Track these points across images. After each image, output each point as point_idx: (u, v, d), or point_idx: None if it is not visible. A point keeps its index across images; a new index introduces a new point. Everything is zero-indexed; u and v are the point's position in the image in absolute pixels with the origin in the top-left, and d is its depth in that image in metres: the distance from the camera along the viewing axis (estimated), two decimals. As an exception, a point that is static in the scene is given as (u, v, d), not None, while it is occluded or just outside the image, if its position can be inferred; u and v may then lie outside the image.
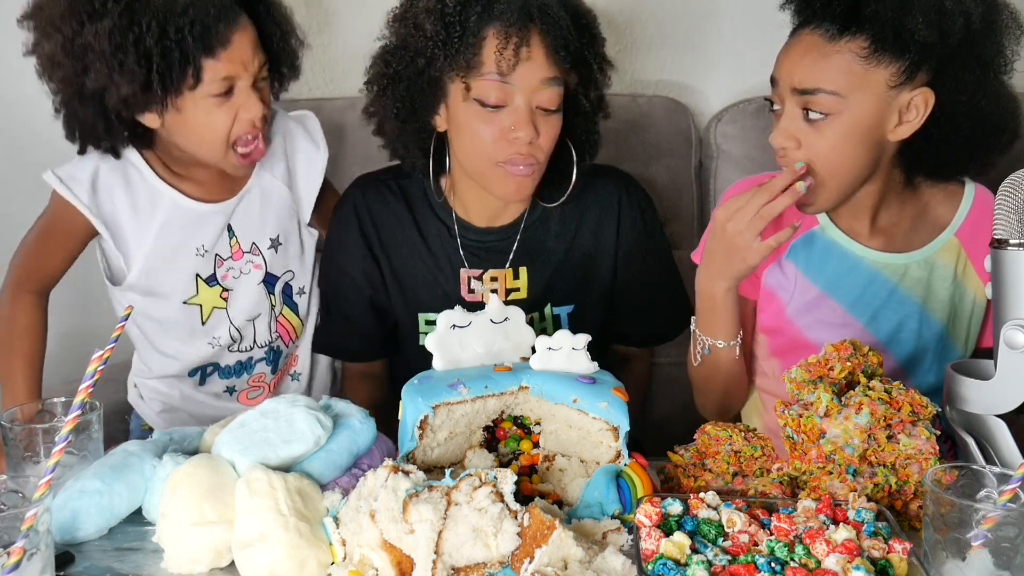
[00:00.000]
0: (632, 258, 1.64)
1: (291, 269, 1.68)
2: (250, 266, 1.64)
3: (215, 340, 1.64)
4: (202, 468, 1.07)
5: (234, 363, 1.68)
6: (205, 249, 1.59)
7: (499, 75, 1.41)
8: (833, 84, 1.31)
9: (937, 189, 1.47)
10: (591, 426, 1.14)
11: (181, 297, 1.60)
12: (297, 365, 1.77)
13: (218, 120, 1.48)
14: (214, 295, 1.62)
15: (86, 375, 1.05)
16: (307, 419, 1.12)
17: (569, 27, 1.43)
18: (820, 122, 1.32)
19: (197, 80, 1.43)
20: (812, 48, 1.32)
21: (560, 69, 1.43)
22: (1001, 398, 1.15)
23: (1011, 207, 1.15)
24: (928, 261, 1.44)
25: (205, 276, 1.61)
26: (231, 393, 1.70)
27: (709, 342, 1.43)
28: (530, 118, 1.43)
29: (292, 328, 1.72)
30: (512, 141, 1.44)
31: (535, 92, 1.43)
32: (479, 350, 1.20)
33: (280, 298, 1.68)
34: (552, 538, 0.95)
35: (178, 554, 1.03)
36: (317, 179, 1.69)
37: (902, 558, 0.93)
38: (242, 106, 1.48)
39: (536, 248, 1.61)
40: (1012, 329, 1.13)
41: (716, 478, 1.17)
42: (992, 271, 1.17)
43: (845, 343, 1.19)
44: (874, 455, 1.10)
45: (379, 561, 0.99)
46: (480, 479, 1.01)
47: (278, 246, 1.66)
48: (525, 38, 1.40)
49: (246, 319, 1.65)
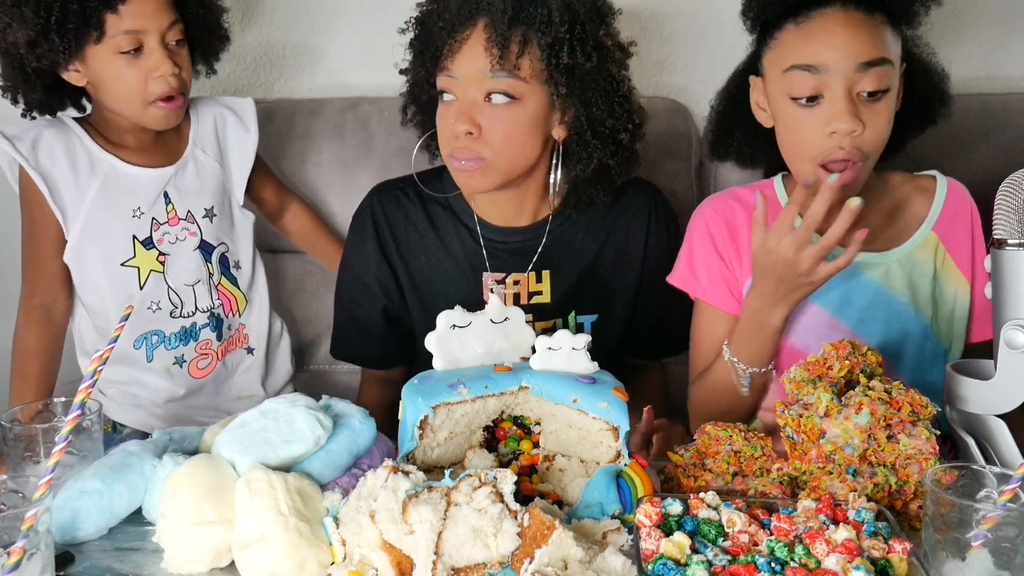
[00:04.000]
0: (657, 271, 1.60)
1: (224, 241, 1.74)
2: (186, 233, 1.69)
3: (154, 304, 1.67)
4: (202, 468, 1.07)
5: (178, 329, 1.70)
6: (142, 211, 1.65)
7: (442, 68, 1.44)
8: (889, 53, 1.32)
9: (909, 185, 1.48)
10: (591, 426, 1.14)
11: (119, 259, 1.65)
12: (250, 341, 1.81)
13: (129, 78, 1.55)
14: (151, 258, 1.67)
15: (86, 375, 1.05)
16: (307, 419, 1.12)
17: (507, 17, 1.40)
18: (879, 99, 1.32)
19: (100, 34, 1.51)
20: (858, 23, 1.31)
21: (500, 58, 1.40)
22: (1001, 398, 1.15)
23: (1011, 207, 1.15)
24: (908, 258, 1.43)
25: (142, 238, 1.66)
26: (181, 365, 1.71)
27: (751, 370, 1.40)
28: (470, 110, 1.43)
29: (233, 298, 1.77)
30: (456, 135, 1.44)
31: (479, 84, 1.42)
32: (479, 350, 1.20)
33: (217, 267, 1.73)
34: (552, 538, 0.95)
35: (178, 554, 1.03)
36: (248, 161, 1.77)
37: (902, 558, 0.93)
38: (152, 66, 1.55)
39: (561, 253, 1.59)
40: (1012, 329, 1.13)
41: (716, 478, 1.17)
42: (992, 271, 1.17)
43: (844, 342, 1.18)
44: (874, 455, 1.10)
45: (379, 561, 0.99)
46: (480, 479, 1.01)
47: (213, 217, 1.72)
48: (466, 31, 1.41)
49: (185, 284, 1.69)
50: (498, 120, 1.43)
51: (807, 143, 1.35)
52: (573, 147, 1.50)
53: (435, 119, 1.52)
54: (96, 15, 1.50)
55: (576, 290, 1.59)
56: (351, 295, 1.67)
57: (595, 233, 1.60)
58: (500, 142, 1.44)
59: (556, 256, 1.59)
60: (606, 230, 1.60)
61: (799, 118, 1.35)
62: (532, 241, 1.59)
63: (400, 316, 1.64)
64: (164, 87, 1.57)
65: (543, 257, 1.59)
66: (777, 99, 1.39)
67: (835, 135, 1.32)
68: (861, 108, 1.31)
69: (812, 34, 1.33)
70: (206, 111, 1.75)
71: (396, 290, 1.62)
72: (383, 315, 1.64)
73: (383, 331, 1.66)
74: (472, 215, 1.59)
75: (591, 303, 1.60)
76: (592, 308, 1.60)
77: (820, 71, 1.32)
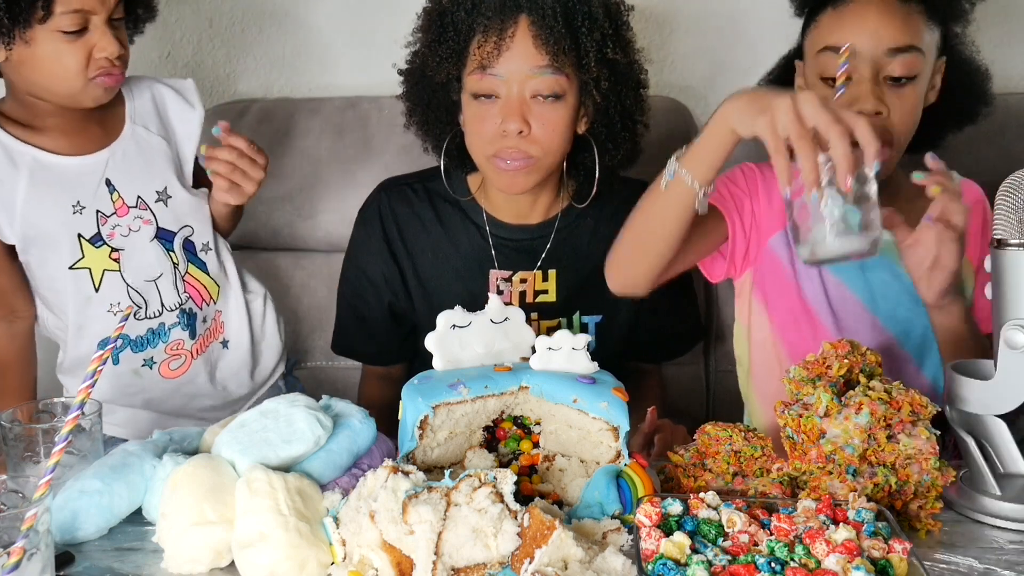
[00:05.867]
0: None
1: (188, 224, 1.58)
2: (139, 222, 1.52)
3: (115, 306, 1.52)
4: (202, 468, 1.07)
5: (145, 331, 1.55)
6: (82, 206, 1.48)
7: (481, 68, 1.41)
8: (920, 42, 1.35)
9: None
10: (591, 426, 1.14)
11: (66, 262, 1.49)
12: (224, 332, 1.65)
13: (69, 57, 1.41)
14: (102, 256, 1.51)
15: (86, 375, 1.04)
16: (307, 419, 1.12)
17: (557, 13, 1.40)
18: (904, 85, 1.35)
19: (48, 12, 1.37)
20: (892, 10, 1.35)
21: (550, 56, 1.40)
22: (1001, 398, 1.15)
23: (1011, 207, 1.15)
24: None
25: (88, 236, 1.49)
26: (151, 367, 1.57)
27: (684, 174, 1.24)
28: (519, 109, 1.42)
29: (203, 287, 1.61)
30: (504, 134, 1.43)
31: (526, 82, 1.41)
32: (479, 350, 1.20)
33: (182, 255, 1.57)
34: (552, 538, 0.95)
35: (178, 554, 1.03)
36: (194, 137, 1.60)
37: (902, 558, 0.93)
38: (96, 44, 1.42)
39: (568, 251, 1.60)
40: (1012, 329, 1.13)
41: (716, 478, 1.17)
42: (992, 271, 1.17)
43: (843, 341, 1.19)
44: (874, 455, 1.10)
45: (379, 562, 0.99)
46: (480, 479, 1.01)
47: (167, 199, 1.55)
48: (508, 29, 1.39)
49: (145, 280, 1.54)
50: (546, 118, 1.43)
51: None
52: (601, 139, 1.51)
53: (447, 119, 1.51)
54: None
55: (582, 290, 1.59)
56: (355, 290, 1.66)
57: (602, 234, 1.59)
58: (548, 140, 1.45)
59: (563, 255, 1.59)
60: (613, 231, 1.60)
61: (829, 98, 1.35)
62: (540, 239, 1.59)
63: (404, 313, 1.64)
64: (106, 65, 1.43)
65: (551, 256, 1.59)
66: (812, 79, 1.44)
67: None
68: (887, 91, 1.36)
69: (845, 18, 1.38)
70: (141, 88, 1.59)
71: (402, 286, 1.62)
72: (388, 311, 1.64)
73: (386, 327, 1.65)
74: (481, 212, 1.60)
75: (596, 304, 1.60)
76: (597, 309, 1.60)
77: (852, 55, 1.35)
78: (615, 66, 1.46)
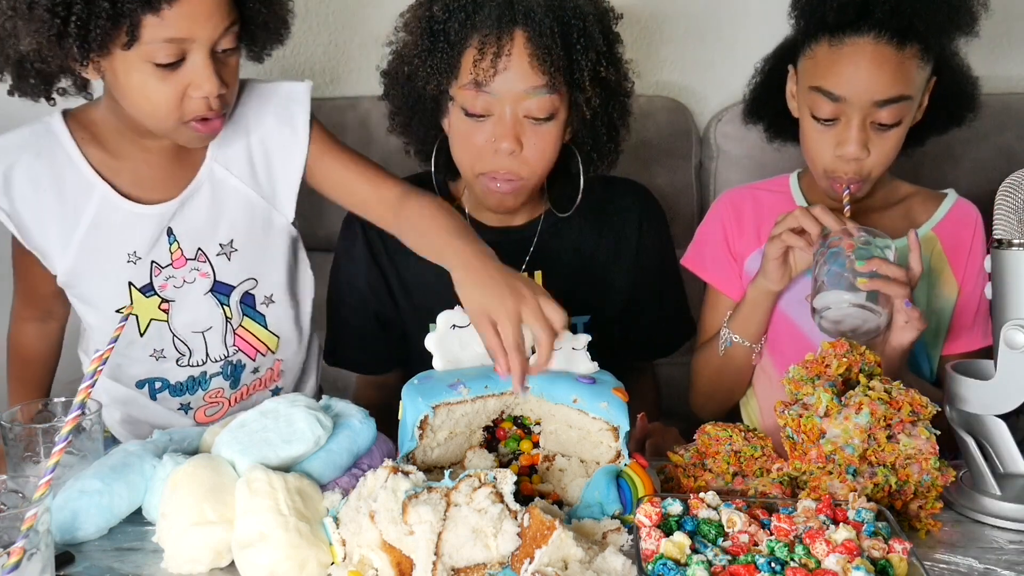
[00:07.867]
0: (649, 273, 1.61)
1: (253, 277, 1.44)
2: (195, 275, 1.39)
3: (158, 352, 1.42)
4: (202, 468, 1.07)
5: (185, 379, 1.45)
6: (138, 256, 1.36)
7: (475, 85, 1.37)
8: (910, 90, 1.37)
9: (919, 195, 1.54)
10: (591, 426, 1.14)
11: (113, 305, 1.37)
12: (280, 380, 1.55)
13: (158, 94, 1.21)
14: (151, 306, 1.38)
15: (86, 375, 1.05)
16: (307, 419, 1.12)
17: (555, 33, 1.36)
18: (888, 130, 1.38)
19: (133, 39, 1.16)
20: (886, 59, 1.36)
21: (548, 76, 1.37)
22: (1001, 398, 1.15)
23: (1011, 207, 1.15)
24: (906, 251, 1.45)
25: (139, 285, 1.37)
26: (186, 412, 1.48)
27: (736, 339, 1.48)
28: (513, 129, 1.39)
29: (259, 341, 1.48)
30: (496, 153, 1.40)
31: (520, 101, 1.38)
32: (479, 350, 1.20)
33: (238, 309, 1.44)
34: (552, 538, 0.95)
35: (178, 554, 1.03)
36: (296, 172, 1.42)
37: (902, 558, 0.93)
38: (192, 82, 1.21)
39: (552, 254, 1.58)
40: (1012, 329, 1.13)
41: (716, 478, 1.17)
42: (992, 271, 1.17)
43: (842, 340, 1.19)
44: (874, 455, 1.10)
45: (379, 562, 0.99)
46: (480, 479, 1.01)
47: (231, 252, 1.41)
48: (505, 47, 1.36)
49: (193, 331, 1.42)
50: (538, 138, 1.41)
51: (818, 156, 1.44)
52: (586, 150, 1.50)
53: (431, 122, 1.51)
54: (131, 16, 1.15)
55: (568, 291, 1.58)
56: (342, 299, 1.65)
57: (587, 234, 1.59)
58: (537, 159, 1.42)
59: (548, 257, 1.59)
60: (598, 231, 1.60)
61: (815, 132, 1.43)
62: (524, 241, 1.58)
63: (392, 319, 1.63)
64: (204, 108, 1.24)
65: (536, 257, 1.58)
66: (802, 106, 1.46)
67: (841, 158, 1.40)
68: (871, 136, 1.39)
69: (840, 63, 1.38)
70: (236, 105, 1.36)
71: (386, 293, 1.61)
72: (375, 319, 1.63)
73: (376, 335, 1.64)
74: (465, 215, 1.59)
75: (583, 304, 1.59)
76: (585, 309, 1.60)
77: (840, 100, 1.38)
78: (606, 83, 1.44)
